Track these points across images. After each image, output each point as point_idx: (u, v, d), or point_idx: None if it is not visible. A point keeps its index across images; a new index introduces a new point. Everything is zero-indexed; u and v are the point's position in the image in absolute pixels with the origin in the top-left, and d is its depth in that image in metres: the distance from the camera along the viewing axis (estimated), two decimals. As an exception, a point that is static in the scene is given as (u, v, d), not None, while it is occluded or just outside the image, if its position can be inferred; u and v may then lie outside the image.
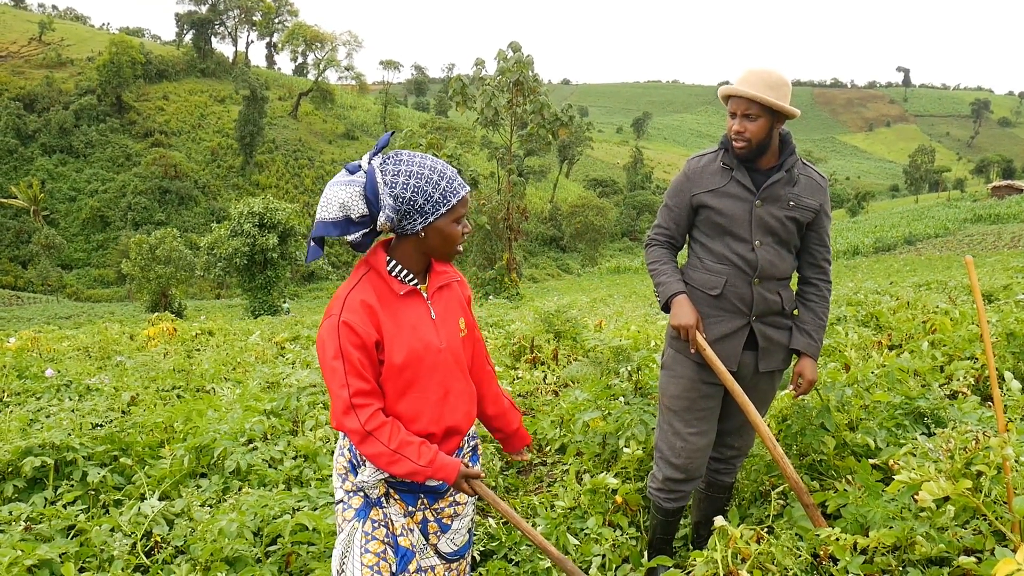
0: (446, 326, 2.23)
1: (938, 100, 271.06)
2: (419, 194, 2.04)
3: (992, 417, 3.23)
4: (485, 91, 35.96)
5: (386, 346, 2.09)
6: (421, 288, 2.19)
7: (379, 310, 2.09)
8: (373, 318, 2.07)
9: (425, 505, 2.25)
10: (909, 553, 2.48)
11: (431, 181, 2.05)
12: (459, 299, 2.33)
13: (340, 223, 2.06)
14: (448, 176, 2.08)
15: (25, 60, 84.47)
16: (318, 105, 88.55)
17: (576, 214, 66.62)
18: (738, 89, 2.66)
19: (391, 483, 2.19)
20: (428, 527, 2.26)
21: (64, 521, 3.36)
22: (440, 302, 2.24)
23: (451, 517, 2.30)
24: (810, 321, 2.87)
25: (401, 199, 2.04)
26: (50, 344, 10.27)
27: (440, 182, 2.06)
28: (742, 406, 2.69)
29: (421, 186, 2.04)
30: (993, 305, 6.74)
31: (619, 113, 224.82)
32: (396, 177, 2.04)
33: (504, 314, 11.85)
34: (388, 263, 2.15)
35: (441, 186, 2.06)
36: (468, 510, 2.36)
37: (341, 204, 2.04)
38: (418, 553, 2.21)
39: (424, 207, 2.06)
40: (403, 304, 2.14)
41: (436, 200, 2.06)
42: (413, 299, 2.17)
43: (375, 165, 2.06)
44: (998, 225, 48.39)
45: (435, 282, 2.23)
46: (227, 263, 31.35)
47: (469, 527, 2.39)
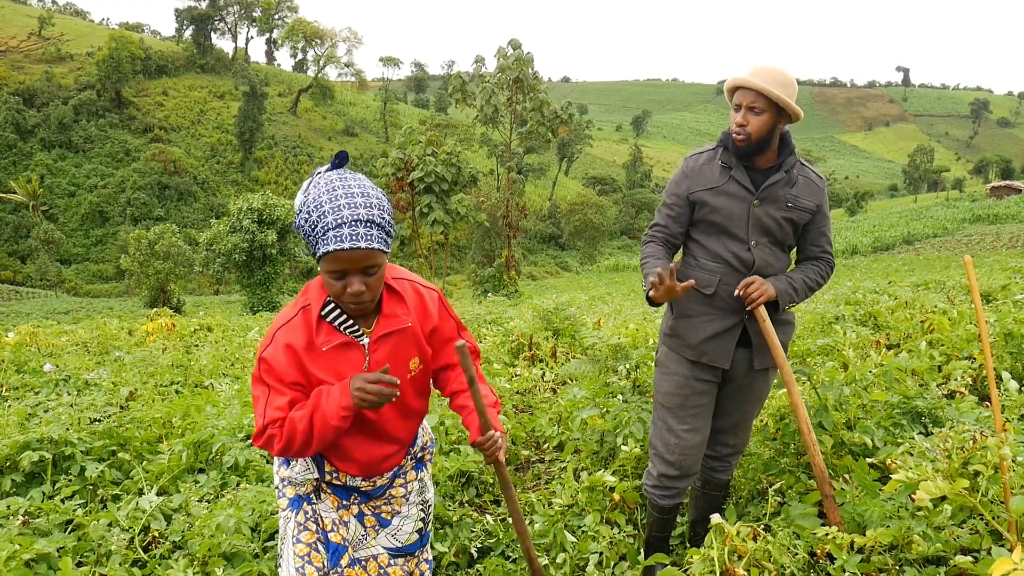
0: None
1: (937, 100, 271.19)
2: (305, 223, 1.85)
3: (990, 417, 3.24)
4: (485, 88, 35.98)
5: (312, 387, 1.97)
6: (363, 334, 2.00)
7: (303, 356, 1.94)
8: (296, 360, 1.94)
9: (359, 501, 2.21)
10: (906, 552, 2.48)
11: (310, 217, 1.83)
12: (414, 339, 2.11)
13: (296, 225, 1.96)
14: (326, 220, 1.80)
15: (24, 55, 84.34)
16: (318, 102, 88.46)
17: (575, 212, 66.60)
18: (747, 80, 2.65)
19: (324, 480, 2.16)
20: (365, 520, 2.22)
21: (62, 516, 3.36)
22: (383, 350, 2.03)
23: (390, 514, 2.25)
24: (794, 273, 2.84)
25: (295, 222, 1.89)
26: (49, 339, 10.26)
27: (317, 223, 1.82)
28: (788, 385, 2.71)
29: (303, 218, 1.85)
30: (991, 305, 6.75)
31: (618, 111, 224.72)
32: (302, 196, 1.88)
33: (503, 312, 11.86)
34: (325, 304, 1.97)
35: (316, 227, 1.82)
36: (411, 510, 2.29)
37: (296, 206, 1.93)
38: (351, 547, 2.17)
39: (308, 239, 1.87)
40: (331, 354, 1.97)
41: (312, 238, 1.84)
42: (345, 349, 1.99)
43: (318, 173, 1.91)
44: (996, 225, 48.38)
45: (381, 328, 2.02)
46: (226, 259, 31.36)
47: (419, 527, 2.32)
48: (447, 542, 3.28)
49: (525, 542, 2.35)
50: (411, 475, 2.30)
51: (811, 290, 2.83)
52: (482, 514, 3.71)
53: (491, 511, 3.82)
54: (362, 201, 1.82)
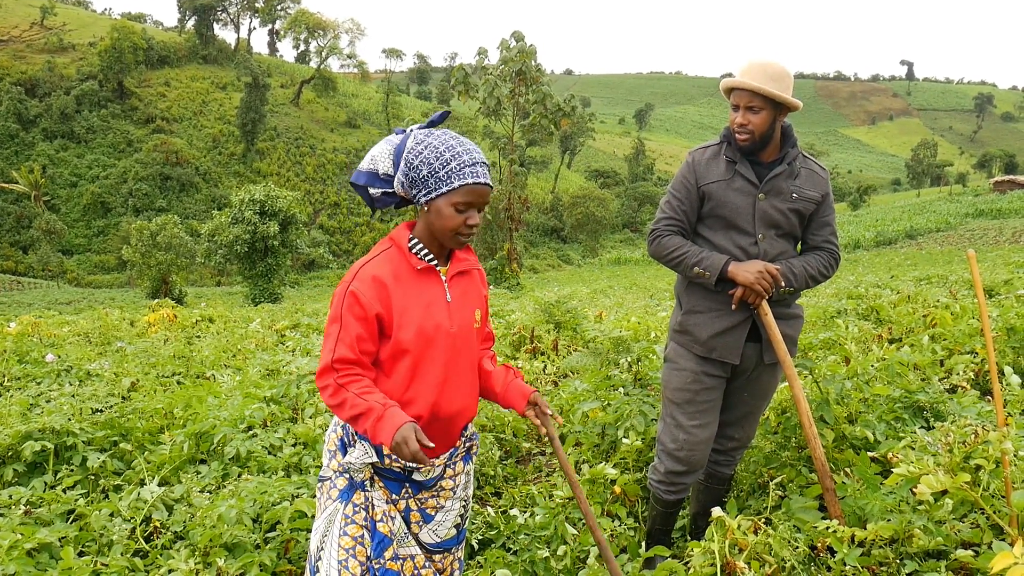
0: (461, 311, 2.21)
1: (941, 94, 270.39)
2: (424, 165, 2.05)
3: (991, 411, 3.23)
4: (487, 81, 35.88)
5: (394, 322, 2.09)
6: (441, 270, 2.19)
7: (391, 286, 2.09)
8: (382, 292, 2.07)
9: (409, 494, 2.22)
10: (907, 546, 2.48)
11: (440, 157, 2.04)
12: (478, 289, 2.32)
13: (368, 174, 2.15)
14: (461, 159, 2.05)
15: (27, 45, 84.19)
16: (320, 93, 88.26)
17: (577, 205, 66.54)
18: (741, 81, 2.65)
19: (377, 470, 2.17)
20: (411, 516, 2.24)
21: (64, 505, 3.37)
22: (458, 287, 2.23)
23: (435, 508, 2.27)
24: (794, 260, 2.83)
25: (410, 166, 2.06)
26: (50, 329, 10.27)
27: (450, 161, 2.04)
28: (790, 379, 2.71)
29: (429, 159, 2.04)
30: (994, 300, 6.73)
31: (621, 104, 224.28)
32: (417, 145, 2.07)
33: (504, 304, 11.86)
34: (410, 240, 2.16)
35: (449, 165, 2.04)
36: (454, 504, 2.32)
37: (372, 156, 2.15)
38: (396, 541, 2.18)
39: (428, 180, 2.06)
40: (419, 281, 2.14)
41: (440, 176, 2.04)
42: (430, 278, 2.16)
43: (414, 130, 2.12)
44: (1000, 220, 48.30)
45: (455, 267, 2.22)
46: (228, 250, 31.32)
47: (457, 522, 2.34)
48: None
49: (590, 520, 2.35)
50: (459, 466, 2.31)
51: (812, 279, 2.82)
52: (483, 506, 3.72)
53: (492, 503, 3.83)
54: (477, 150, 2.10)
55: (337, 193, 72.10)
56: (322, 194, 71.59)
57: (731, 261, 2.71)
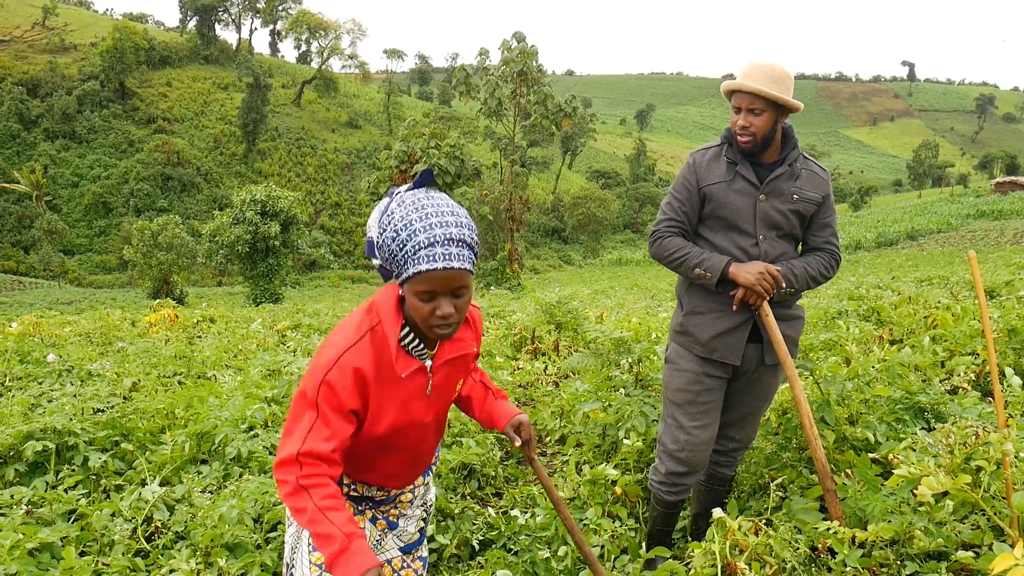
0: (440, 398, 2.05)
1: (943, 95, 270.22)
2: (385, 246, 1.79)
3: (992, 413, 3.23)
4: (489, 81, 35.87)
5: (369, 416, 1.93)
6: (428, 357, 1.96)
7: (373, 383, 1.88)
8: (363, 389, 1.87)
9: (370, 507, 2.21)
10: (907, 547, 2.48)
11: (398, 237, 1.75)
12: (466, 366, 2.11)
13: (368, 242, 1.90)
14: (417, 239, 1.72)
15: (28, 45, 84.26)
16: (321, 93, 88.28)
17: (578, 205, 66.51)
18: (743, 84, 2.65)
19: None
20: (376, 523, 2.22)
21: (65, 505, 3.38)
22: (441, 374, 2.01)
23: (397, 516, 2.26)
24: (795, 260, 2.83)
25: (381, 244, 1.81)
26: (52, 329, 10.27)
27: (406, 242, 1.74)
28: (791, 380, 2.72)
29: (388, 238, 1.77)
30: (995, 301, 6.73)
31: (623, 105, 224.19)
32: (385, 217, 1.81)
33: (505, 304, 11.86)
34: (402, 328, 1.90)
35: (405, 247, 1.74)
36: (415, 511, 2.32)
37: (369, 224, 1.89)
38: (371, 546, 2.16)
39: (393, 260, 1.79)
40: (402, 381, 1.93)
41: (398, 259, 1.76)
42: (414, 373, 1.94)
43: (398, 197, 1.84)
44: (1001, 221, 48.26)
45: (446, 353, 2.00)
46: (229, 251, 31.32)
47: (420, 526, 2.35)
48: (449, 534, 3.29)
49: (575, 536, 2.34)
50: (418, 480, 2.31)
51: (813, 279, 2.82)
52: (484, 507, 3.72)
53: (493, 504, 3.83)
54: (453, 220, 1.76)
55: (338, 193, 72.12)
56: (323, 194, 71.60)
57: (732, 262, 2.71)
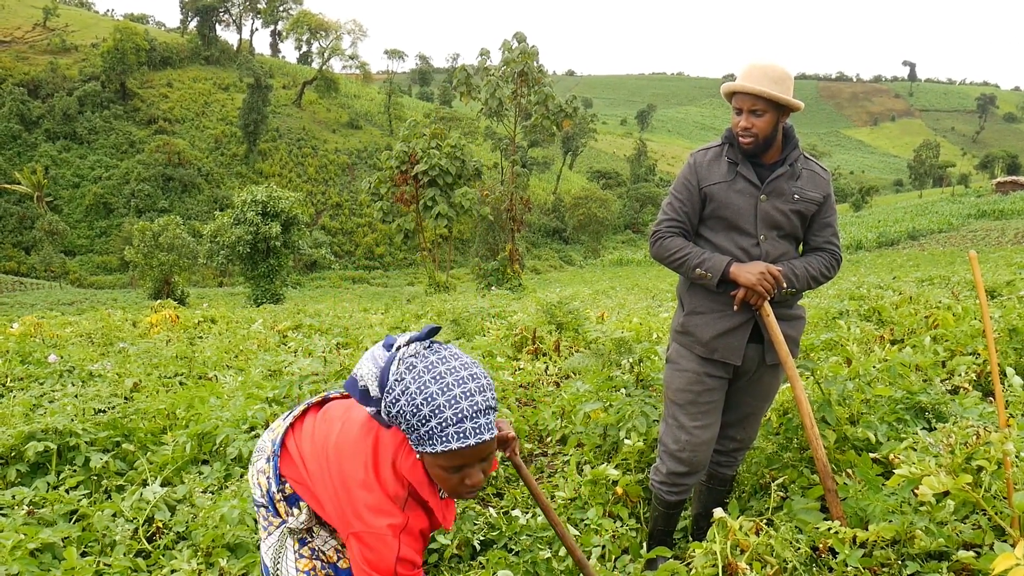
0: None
1: (944, 95, 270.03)
2: (402, 418, 1.71)
3: (993, 413, 3.23)
4: (489, 81, 35.91)
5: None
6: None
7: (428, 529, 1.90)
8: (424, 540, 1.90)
9: None
10: (908, 547, 2.48)
11: (419, 412, 1.67)
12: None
13: (360, 391, 1.82)
14: (443, 416, 1.65)
15: (29, 46, 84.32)
16: (322, 94, 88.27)
17: (579, 206, 66.50)
18: (744, 86, 2.65)
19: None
20: None
21: (66, 506, 3.38)
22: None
23: None
24: (796, 260, 2.83)
25: (388, 412, 1.74)
26: (53, 330, 10.27)
27: (430, 419, 1.66)
28: (791, 380, 2.72)
29: (407, 411, 1.69)
30: (996, 301, 6.73)
31: (623, 105, 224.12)
32: (396, 384, 1.71)
33: (506, 305, 11.86)
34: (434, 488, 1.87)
35: (429, 424, 1.66)
36: None
37: (360, 374, 1.80)
38: None
39: (409, 431, 1.72)
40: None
41: (420, 434, 1.69)
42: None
43: (401, 355, 1.75)
44: (1002, 221, 48.23)
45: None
46: (230, 251, 31.35)
47: None
48: (450, 535, 3.29)
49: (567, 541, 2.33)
50: None
51: (814, 279, 2.82)
52: (484, 507, 3.72)
53: (494, 504, 3.83)
54: (475, 387, 1.69)
55: (339, 194, 72.14)
56: (324, 195, 71.63)
57: (733, 262, 2.71)
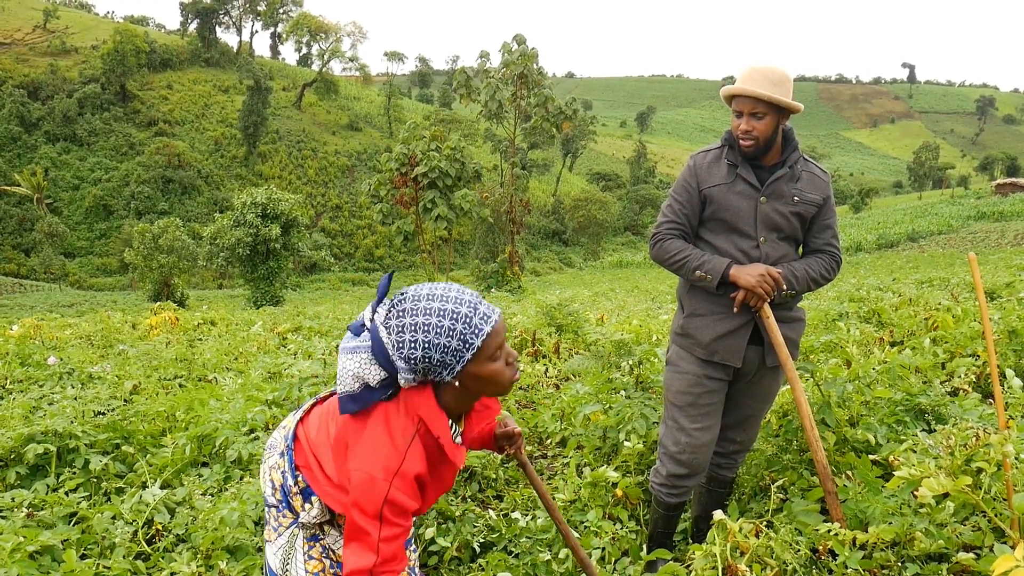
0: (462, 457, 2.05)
1: (943, 97, 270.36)
2: (434, 350, 1.75)
3: (993, 414, 3.23)
4: (489, 84, 35.90)
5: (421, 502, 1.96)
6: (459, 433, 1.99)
7: (428, 480, 1.91)
8: (422, 488, 1.90)
9: None
10: (908, 549, 2.48)
11: (443, 331, 1.75)
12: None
13: (360, 395, 1.82)
14: (463, 316, 1.76)
15: (29, 48, 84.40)
16: (322, 96, 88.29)
17: (579, 208, 66.53)
18: (744, 89, 2.65)
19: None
20: None
21: (66, 508, 3.38)
22: (467, 443, 2.08)
23: None
24: (796, 263, 2.83)
25: (413, 360, 1.76)
26: (53, 332, 10.27)
27: (457, 326, 1.75)
28: (791, 382, 2.72)
29: (433, 340, 1.75)
30: (995, 303, 6.74)
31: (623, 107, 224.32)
32: (402, 335, 1.75)
33: (506, 307, 11.86)
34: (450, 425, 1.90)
35: (458, 330, 1.75)
36: None
37: (355, 375, 1.80)
38: None
39: (445, 360, 1.77)
40: (447, 466, 1.96)
41: (455, 349, 1.76)
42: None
43: (379, 322, 1.80)
44: (1002, 223, 48.23)
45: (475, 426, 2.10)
46: (230, 253, 31.35)
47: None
48: (450, 537, 3.29)
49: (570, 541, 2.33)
50: None
51: (814, 282, 2.82)
52: (484, 509, 3.72)
53: (493, 506, 3.83)
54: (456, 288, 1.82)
55: (339, 196, 72.16)
56: (324, 197, 71.66)
57: (733, 264, 2.71)
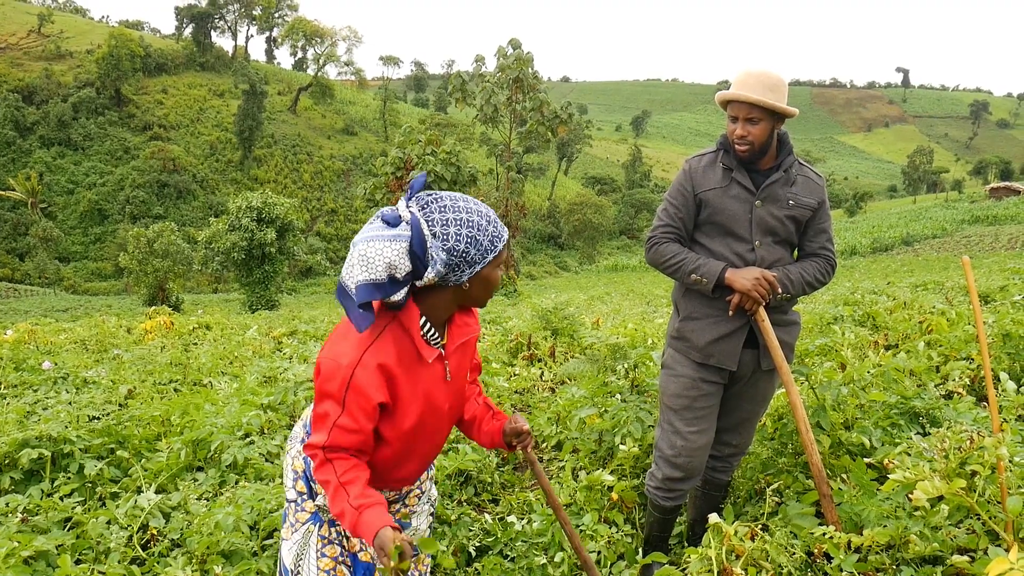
0: (456, 384, 2.10)
1: (937, 101, 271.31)
2: (472, 244, 1.86)
3: (987, 417, 3.24)
4: (485, 88, 35.99)
5: (397, 411, 1.96)
6: (441, 345, 2.02)
7: (397, 375, 1.92)
8: (388, 383, 1.91)
9: None
10: (903, 552, 2.49)
11: (481, 227, 1.88)
12: (473, 348, 2.19)
13: (385, 285, 1.82)
14: (493, 218, 1.93)
15: (24, 52, 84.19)
16: (317, 100, 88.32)
17: (574, 212, 66.62)
18: (740, 94, 2.66)
19: None
20: None
21: (61, 513, 3.37)
22: (455, 359, 2.08)
23: (407, 515, 2.27)
24: (791, 266, 2.83)
25: (455, 252, 1.85)
26: (47, 337, 10.25)
27: (488, 227, 1.89)
28: (786, 385, 2.72)
29: (474, 235, 1.87)
30: (989, 306, 6.76)
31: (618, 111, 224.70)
32: (447, 227, 1.84)
33: (501, 311, 11.87)
34: (421, 320, 1.95)
35: (489, 231, 1.90)
36: (423, 506, 2.33)
37: (388, 263, 1.81)
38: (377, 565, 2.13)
39: (474, 257, 1.88)
40: (424, 366, 1.98)
41: (486, 247, 1.89)
42: (435, 362, 2.01)
43: (417, 214, 1.85)
44: (995, 226, 48.37)
45: (456, 338, 2.07)
46: (225, 257, 31.29)
47: (429, 522, 2.37)
48: (445, 541, 3.29)
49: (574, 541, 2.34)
50: (423, 475, 2.32)
51: (809, 285, 2.82)
52: (480, 513, 3.72)
53: (489, 510, 3.83)
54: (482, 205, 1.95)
55: (334, 200, 72.13)
56: (319, 201, 71.61)
57: (728, 268, 2.72)
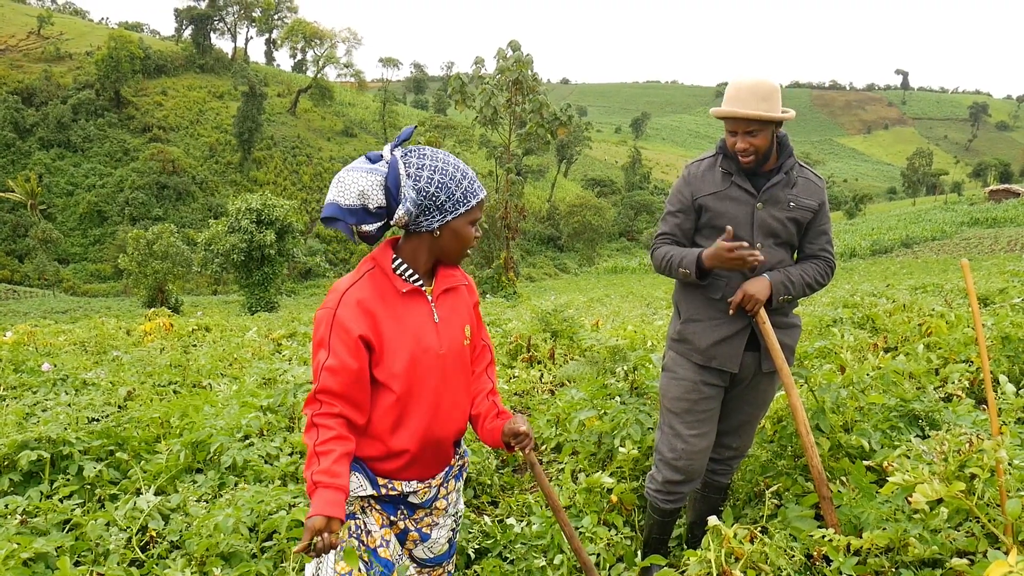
0: (449, 330, 2.15)
1: (936, 103, 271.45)
2: (442, 190, 2.00)
3: (986, 420, 3.24)
4: (484, 90, 35.97)
5: (385, 350, 2.02)
6: (426, 290, 2.11)
7: (378, 311, 2.02)
8: (369, 318, 2.00)
9: (405, 515, 2.20)
10: (902, 554, 2.49)
11: (455, 178, 2.01)
12: (466, 304, 2.26)
13: (356, 210, 1.99)
14: (470, 176, 2.05)
15: (23, 54, 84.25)
16: (317, 102, 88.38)
17: (574, 214, 66.65)
18: (736, 112, 2.65)
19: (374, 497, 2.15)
20: (408, 536, 2.22)
21: (60, 515, 3.36)
22: (445, 305, 2.16)
23: (430, 526, 2.26)
24: (791, 268, 2.83)
25: (424, 193, 1.98)
26: (46, 338, 10.24)
27: (463, 181, 2.03)
28: (787, 387, 2.72)
29: (445, 182, 2.00)
30: (989, 308, 6.76)
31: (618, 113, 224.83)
32: (420, 171, 1.99)
33: (501, 313, 11.87)
34: (394, 261, 2.08)
35: (463, 185, 2.03)
36: (447, 520, 2.32)
37: (360, 192, 1.98)
38: (396, 563, 2.15)
39: (445, 204, 2.01)
40: (405, 305, 2.07)
41: (457, 198, 2.02)
42: (416, 299, 2.09)
43: (398, 156, 2.01)
44: (995, 228, 48.42)
45: (441, 284, 2.15)
46: (224, 259, 31.32)
47: (449, 536, 2.34)
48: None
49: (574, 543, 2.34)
50: (452, 484, 2.31)
51: (809, 287, 2.83)
52: (480, 515, 3.72)
53: (489, 512, 3.82)
54: (461, 161, 2.09)
55: (334, 202, 72.06)
56: (319, 203, 71.56)
57: (703, 251, 2.71)
